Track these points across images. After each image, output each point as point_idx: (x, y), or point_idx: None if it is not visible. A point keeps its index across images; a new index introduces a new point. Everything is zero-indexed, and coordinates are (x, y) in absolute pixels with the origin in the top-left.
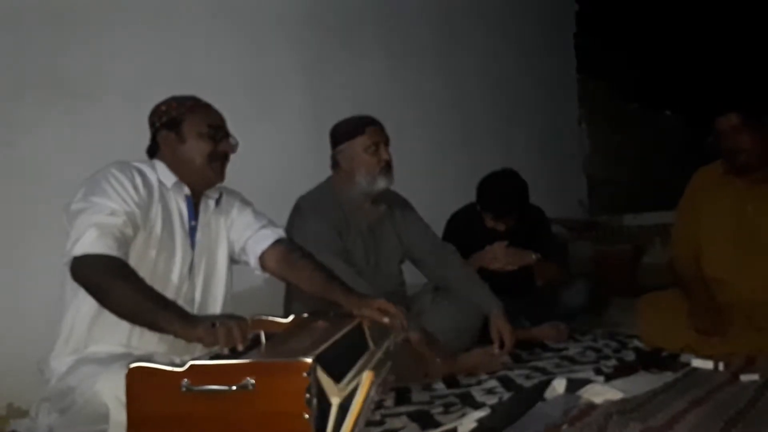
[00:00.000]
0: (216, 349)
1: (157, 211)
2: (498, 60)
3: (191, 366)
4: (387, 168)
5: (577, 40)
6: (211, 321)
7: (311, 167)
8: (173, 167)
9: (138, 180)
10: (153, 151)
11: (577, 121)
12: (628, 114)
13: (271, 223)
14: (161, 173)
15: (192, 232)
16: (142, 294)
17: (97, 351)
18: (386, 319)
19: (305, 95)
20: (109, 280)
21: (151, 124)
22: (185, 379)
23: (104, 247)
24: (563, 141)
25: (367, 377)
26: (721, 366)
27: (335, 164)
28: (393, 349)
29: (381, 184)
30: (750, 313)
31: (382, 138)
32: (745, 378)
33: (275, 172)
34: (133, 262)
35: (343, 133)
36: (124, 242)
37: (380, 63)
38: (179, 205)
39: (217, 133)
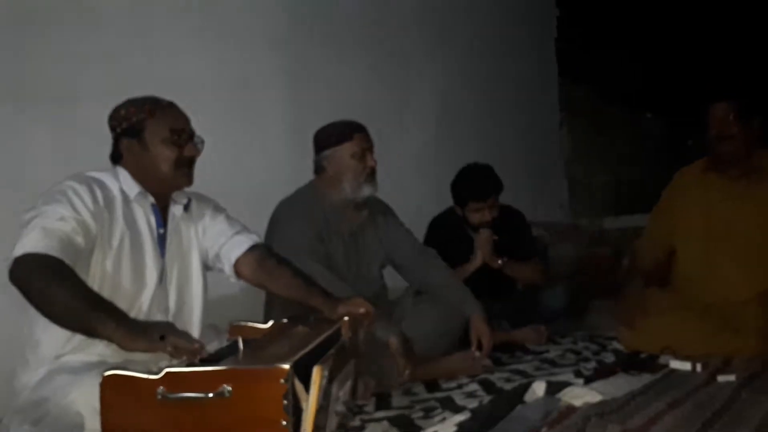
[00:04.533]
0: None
1: (120, 222)
2: (481, 64)
3: (167, 373)
4: (372, 175)
5: (558, 44)
6: (160, 334)
7: (293, 171)
8: (138, 175)
9: (98, 192)
10: (116, 158)
11: (558, 124)
12: (608, 117)
13: (245, 229)
14: (124, 183)
15: (161, 240)
16: (77, 294)
17: (71, 360)
18: (362, 309)
19: (287, 98)
20: (43, 280)
21: (112, 128)
22: (161, 387)
23: (45, 247)
24: (544, 145)
25: (315, 372)
26: (698, 367)
27: (319, 169)
28: (350, 345)
29: (366, 191)
30: (726, 313)
31: (368, 144)
32: (722, 379)
33: (257, 176)
34: (100, 276)
35: (329, 138)
36: (70, 246)
37: (363, 66)
38: (146, 213)
39: (181, 136)
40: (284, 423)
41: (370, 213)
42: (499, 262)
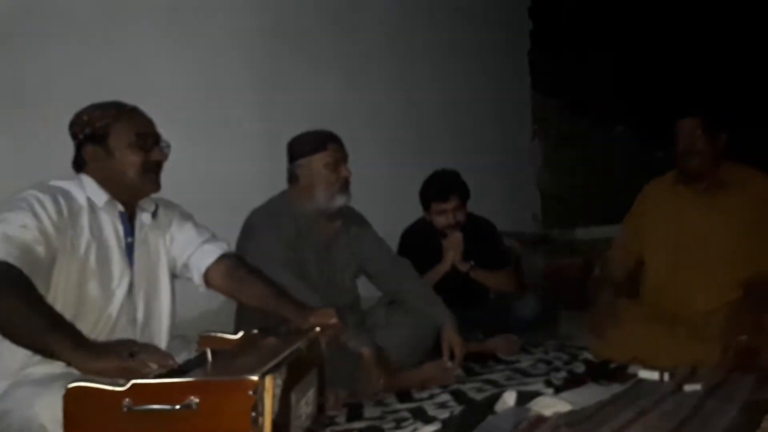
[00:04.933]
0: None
1: (86, 232)
2: (454, 76)
3: (133, 385)
4: (345, 185)
5: (531, 57)
6: (129, 351)
7: (266, 180)
8: (103, 183)
9: (62, 202)
10: (79, 165)
11: (531, 136)
12: (580, 130)
13: (214, 237)
14: (90, 191)
15: (129, 249)
16: (34, 309)
17: (35, 372)
18: (333, 320)
19: (261, 108)
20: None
21: (74, 135)
22: (127, 399)
23: (5, 254)
24: (517, 156)
25: (267, 382)
26: (666, 376)
27: (292, 178)
28: (308, 354)
29: (339, 201)
30: (694, 323)
31: (342, 155)
32: (688, 388)
33: (229, 184)
34: (64, 288)
35: (303, 147)
36: (30, 254)
37: (337, 77)
38: (114, 222)
39: (147, 141)
40: None
41: (344, 223)
42: (468, 266)
